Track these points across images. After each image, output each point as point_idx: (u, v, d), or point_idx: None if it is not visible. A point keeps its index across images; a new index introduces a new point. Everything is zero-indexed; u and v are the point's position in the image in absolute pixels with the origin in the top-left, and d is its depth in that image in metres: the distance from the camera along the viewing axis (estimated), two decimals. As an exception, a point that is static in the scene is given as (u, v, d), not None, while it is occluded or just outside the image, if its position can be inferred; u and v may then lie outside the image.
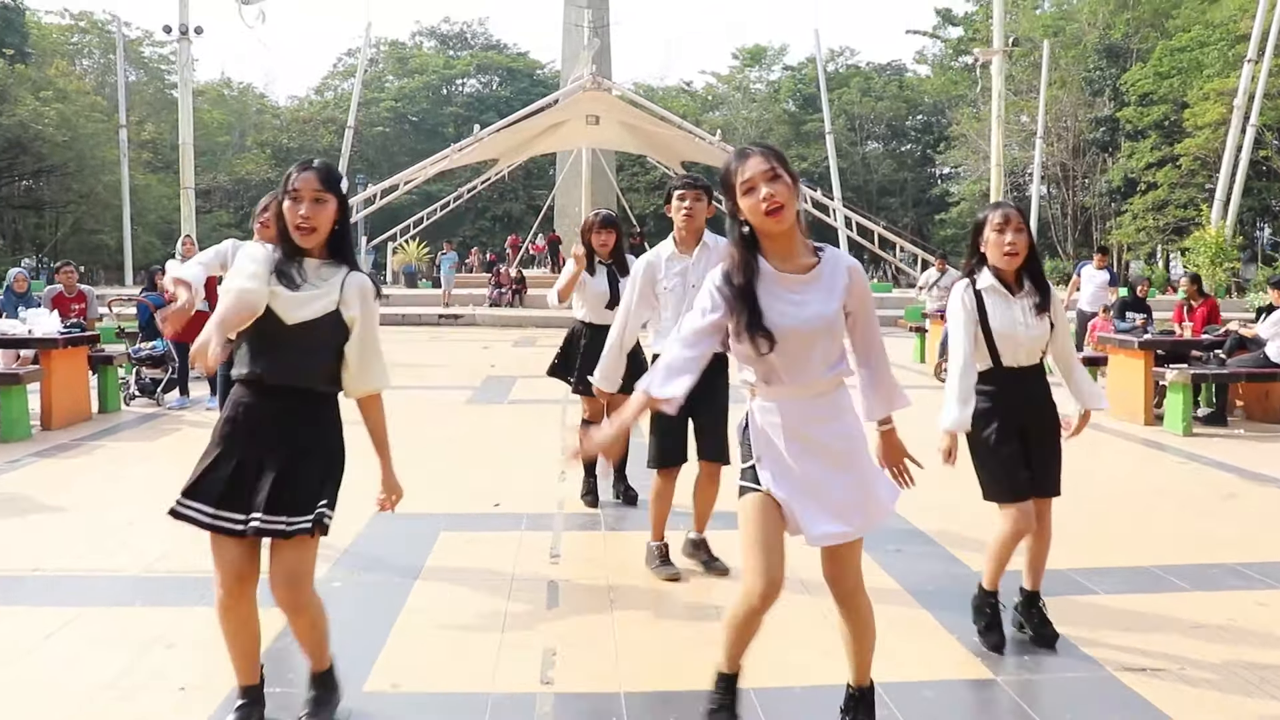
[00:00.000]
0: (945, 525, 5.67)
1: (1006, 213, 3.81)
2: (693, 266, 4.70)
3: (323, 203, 2.99)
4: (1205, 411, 9.70)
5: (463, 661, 3.82)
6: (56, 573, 4.83)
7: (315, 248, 3.03)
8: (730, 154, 2.87)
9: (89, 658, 3.80)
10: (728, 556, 4.84)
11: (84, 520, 5.84)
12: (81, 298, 10.54)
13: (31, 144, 42.04)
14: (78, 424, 9.21)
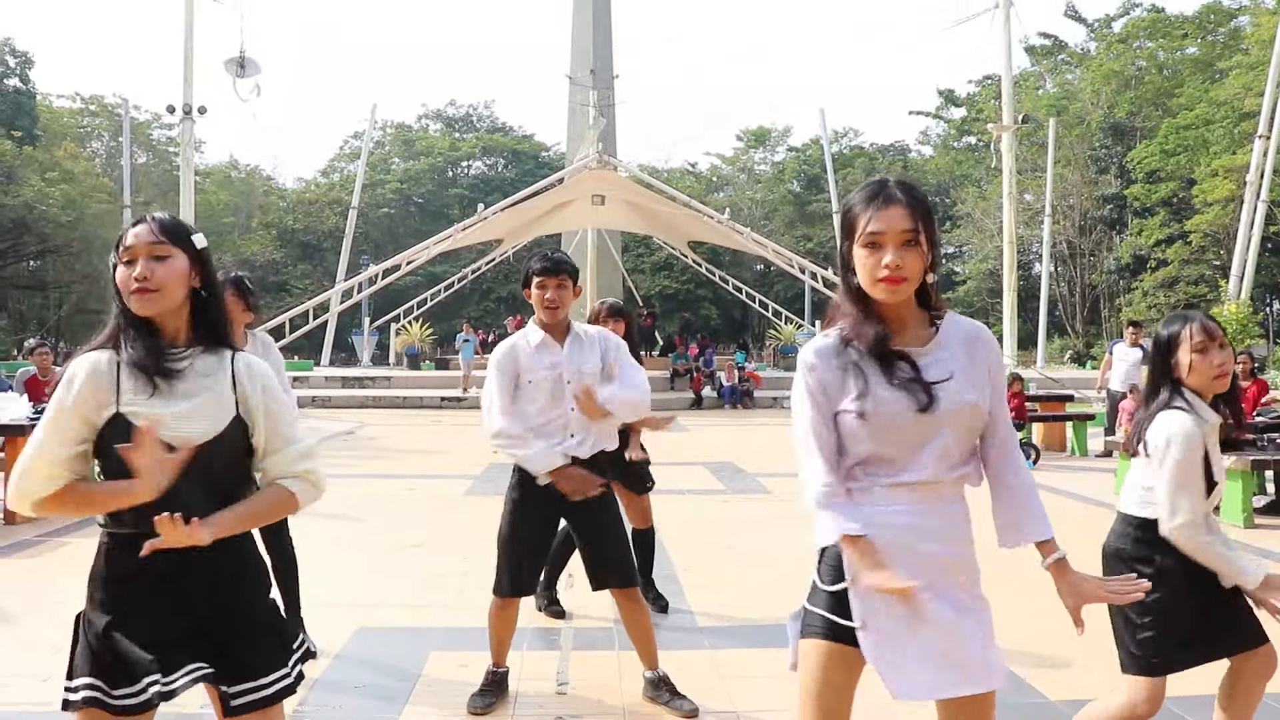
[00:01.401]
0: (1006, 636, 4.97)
1: (1208, 326, 3.06)
2: (566, 359, 4.05)
3: (165, 259, 2.26)
4: (1264, 500, 9.01)
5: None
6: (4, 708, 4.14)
7: (170, 326, 2.30)
8: (866, 186, 2.24)
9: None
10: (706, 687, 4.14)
11: (24, 640, 5.16)
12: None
13: (36, 224, 42.13)
14: (44, 519, 8.54)
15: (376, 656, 4.75)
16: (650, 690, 4.19)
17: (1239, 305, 26.94)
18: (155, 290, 2.23)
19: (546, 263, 4.04)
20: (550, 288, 4.03)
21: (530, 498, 4.04)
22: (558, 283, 4.03)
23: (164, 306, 2.26)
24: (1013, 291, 27.41)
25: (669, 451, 14.72)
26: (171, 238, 2.28)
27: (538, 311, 4.09)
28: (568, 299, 4.06)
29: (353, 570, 6.75)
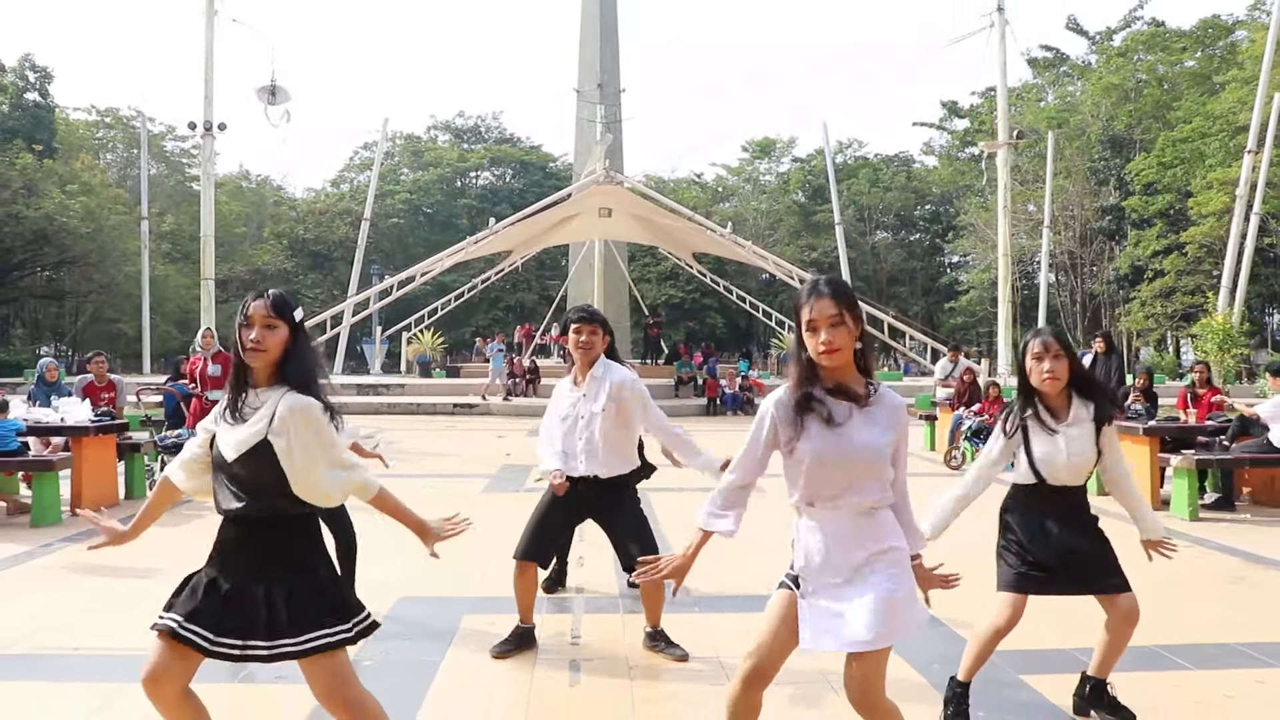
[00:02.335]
0: (960, 614, 5.82)
1: (1045, 340, 4.00)
2: (583, 400, 4.98)
3: (273, 328, 3.12)
4: (1213, 497, 9.83)
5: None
6: (96, 652, 5.01)
7: (263, 371, 3.15)
8: (805, 284, 3.08)
9: (132, 732, 3.98)
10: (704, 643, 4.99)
11: (118, 601, 6.03)
12: (112, 387, 10.86)
13: (56, 235, 42.99)
14: (106, 509, 9.38)
15: (417, 618, 5.63)
16: (649, 641, 5.08)
17: (1225, 317, 27.75)
18: (263, 350, 3.12)
19: (583, 312, 5.04)
20: (585, 332, 4.95)
21: (565, 496, 4.98)
22: (591, 329, 4.96)
23: (267, 361, 3.14)
24: (1009, 303, 28.23)
25: (671, 454, 15.47)
26: (279, 313, 3.15)
27: (573, 353, 5.01)
28: (598, 344, 4.97)
29: (387, 554, 7.62)
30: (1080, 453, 3.99)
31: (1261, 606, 6.11)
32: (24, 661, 4.87)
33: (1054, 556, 4.00)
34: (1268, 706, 4.29)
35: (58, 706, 4.25)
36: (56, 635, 5.29)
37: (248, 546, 3.11)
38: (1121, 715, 4.12)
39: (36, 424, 9.32)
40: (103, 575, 6.79)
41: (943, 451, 13.86)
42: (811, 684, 4.52)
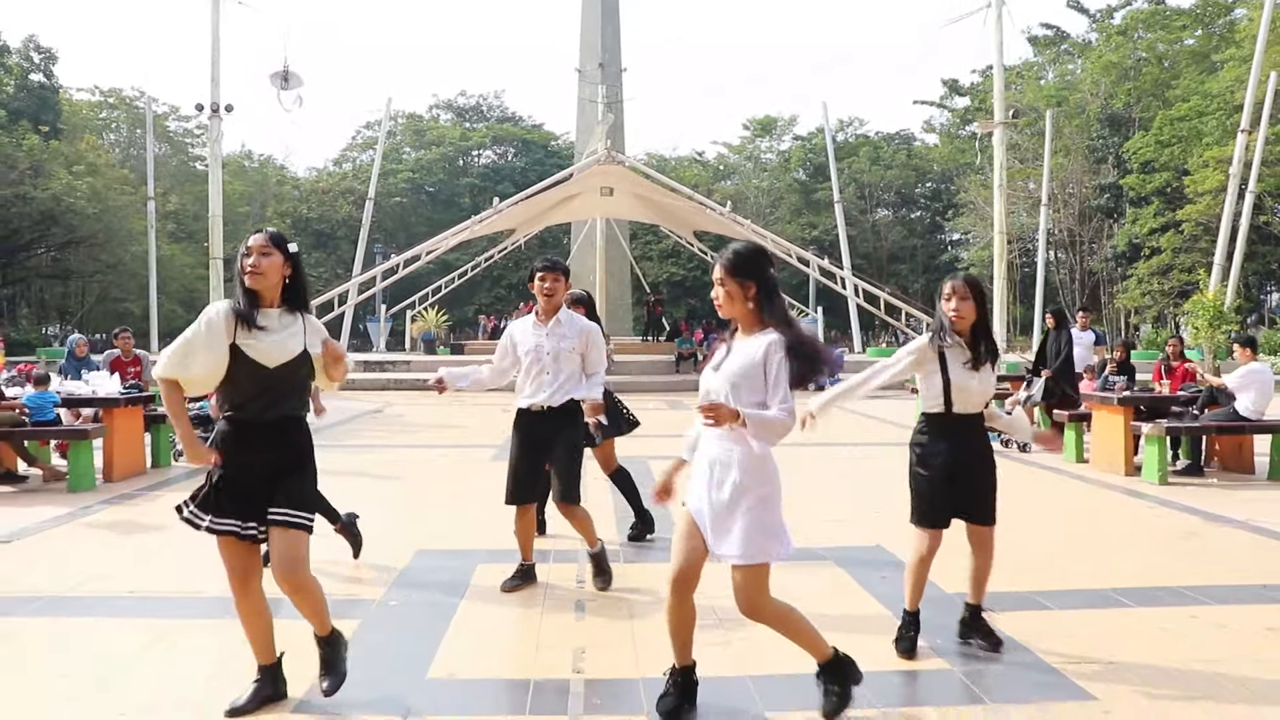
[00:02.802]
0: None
1: (954, 284, 4.61)
2: (547, 337, 5.54)
3: (268, 255, 3.82)
4: (1184, 463, 10.36)
5: (507, 657, 4.54)
6: (148, 595, 5.56)
7: (268, 296, 3.84)
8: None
9: (185, 660, 4.52)
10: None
11: (160, 554, 6.57)
12: (137, 361, 11.39)
13: (63, 216, 43.35)
14: (135, 477, 9.97)
15: (436, 567, 6.17)
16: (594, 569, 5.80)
17: (1215, 294, 28.19)
18: (260, 274, 3.80)
19: (547, 262, 5.64)
20: (549, 279, 5.55)
21: (521, 433, 5.60)
22: (554, 276, 5.57)
23: (264, 285, 3.81)
24: (1003, 279, 28.63)
25: (669, 424, 16.18)
26: (275, 244, 3.87)
27: (538, 298, 5.60)
28: (560, 289, 5.60)
29: (404, 514, 8.21)
30: (986, 386, 4.60)
31: (1204, 556, 6.65)
32: (82, 603, 5.41)
33: (950, 469, 4.57)
34: (1196, 637, 4.82)
35: (116, 640, 4.78)
36: (109, 582, 5.83)
37: (267, 442, 3.81)
38: (991, 641, 4.62)
39: (70, 396, 9.86)
40: (143, 532, 7.34)
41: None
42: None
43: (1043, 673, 4.30)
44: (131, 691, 4.13)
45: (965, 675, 4.31)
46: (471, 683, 4.23)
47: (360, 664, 4.31)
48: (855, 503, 8.78)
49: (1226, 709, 3.91)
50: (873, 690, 4.08)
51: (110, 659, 4.50)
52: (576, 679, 4.22)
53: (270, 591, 3.96)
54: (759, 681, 4.21)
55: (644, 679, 4.22)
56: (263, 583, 3.96)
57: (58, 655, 4.57)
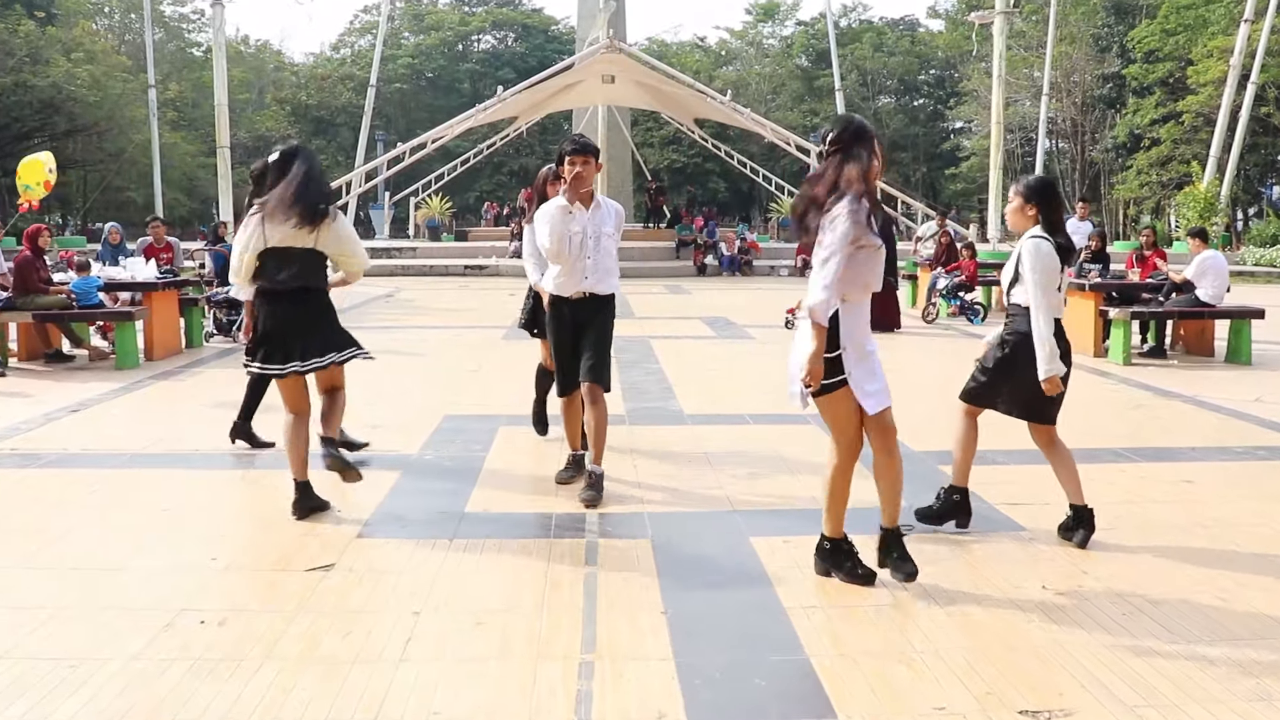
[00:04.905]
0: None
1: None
2: (590, 222, 5.35)
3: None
4: (1149, 346, 11.12)
5: (532, 498, 5.35)
6: (211, 452, 6.36)
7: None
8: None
9: (226, 498, 5.34)
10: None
11: (216, 418, 7.36)
12: (169, 248, 12.07)
13: (64, 104, 43.19)
14: (173, 356, 10.73)
15: (463, 428, 6.98)
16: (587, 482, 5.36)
17: (1207, 187, 28.62)
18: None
19: (576, 143, 5.35)
20: (578, 162, 5.26)
21: (559, 321, 5.46)
22: (584, 159, 5.28)
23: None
24: (998, 169, 29.01)
25: (669, 308, 16.90)
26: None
27: (570, 182, 5.31)
28: (591, 172, 5.31)
29: (430, 385, 9.02)
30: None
31: (1144, 423, 7.48)
32: (160, 459, 6.22)
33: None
34: (1121, 485, 5.63)
35: (196, 486, 5.59)
36: (176, 443, 6.63)
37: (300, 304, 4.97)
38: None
39: (112, 280, 10.56)
40: (191, 402, 8.13)
41: (921, 308, 15.09)
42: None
43: (986, 511, 5.10)
44: (220, 520, 4.95)
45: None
46: (503, 515, 5.05)
47: (407, 502, 5.14)
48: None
49: (1131, 537, 4.72)
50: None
51: (195, 499, 5.32)
52: (591, 514, 5.03)
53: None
54: (745, 515, 5.02)
55: (647, 513, 5.03)
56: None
57: (154, 494, 5.39)
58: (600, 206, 5.45)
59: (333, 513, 5.00)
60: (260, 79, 66.65)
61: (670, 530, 4.80)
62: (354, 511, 5.01)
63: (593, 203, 5.42)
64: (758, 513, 5.08)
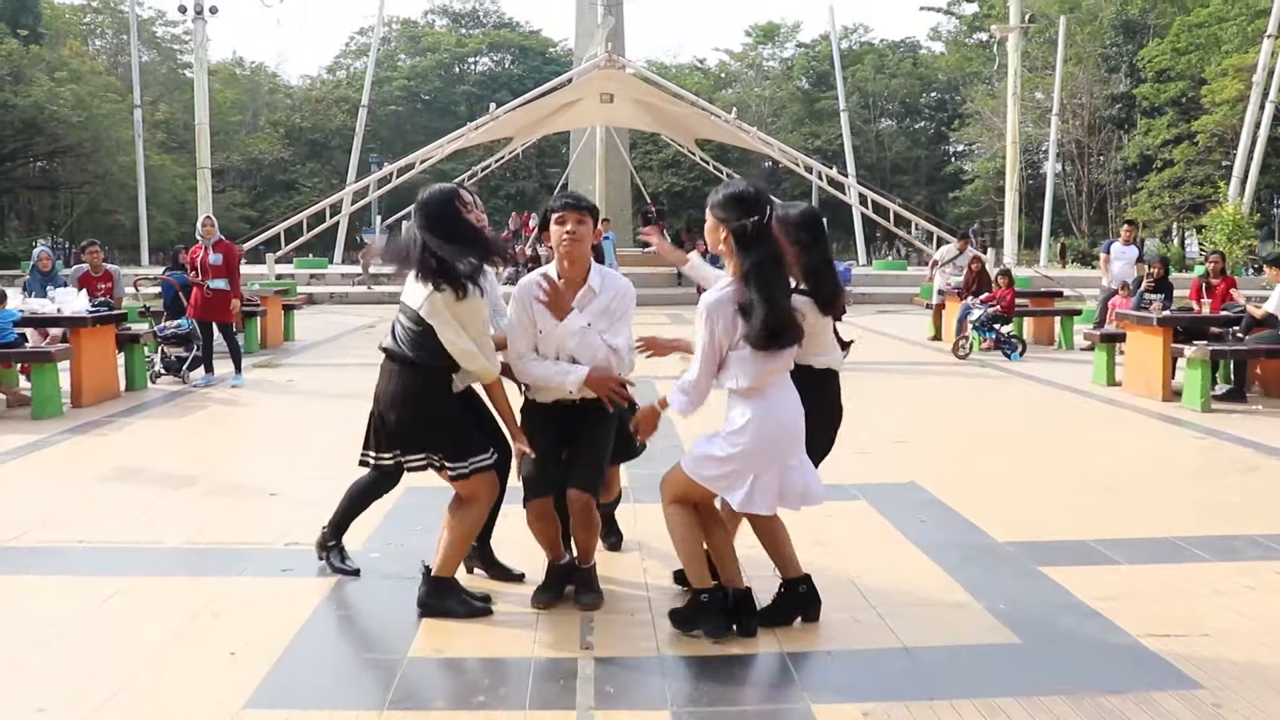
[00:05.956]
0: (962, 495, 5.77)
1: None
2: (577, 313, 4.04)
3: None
4: (1224, 388, 9.73)
5: (506, 630, 3.92)
6: (102, 544, 4.95)
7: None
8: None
9: (140, 625, 3.91)
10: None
11: (122, 495, 5.96)
12: (108, 277, 10.68)
13: (46, 125, 42.19)
14: (107, 401, 9.33)
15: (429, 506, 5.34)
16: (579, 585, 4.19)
17: (1235, 207, 27.33)
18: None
19: (567, 198, 4.06)
20: (570, 220, 3.98)
21: (539, 418, 4.14)
22: (578, 217, 3.99)
23: None
24: (1015, 191, 27.78)
25: (670, 332, 15.35)
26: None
27: (556, 250, 4.03)
28: (587, 235, 3.99)
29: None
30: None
31: (1272, 496, 6.05)
32: (31, 555, 4.79)
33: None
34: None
35: (65, 600, 4.18)
36: (61, 529, 5.22)
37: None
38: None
39: (33, 315, 9.18)
40: (105, 469, 6.72)
41: (950, 341, 13.73)
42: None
43: (1129, 650, 3.69)
44: (77, 660, 3.53)
45: (1039, 651, 3.71)
46: (458, 662, 3.63)
47: (326, 643, 3.75)
48: (877, 430, 8.15)
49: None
50: (928, 669, 3.51)
51: (47, 626, 3.90)
52: (585, 659, 3.63)
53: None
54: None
55: (668, 658, 3.63)
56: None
57: (-15, 622, 3.97)
58: (594, 291, 4.08)
59: (227, 658, 3.59)
60: (254, 101, 65.66)
61: (698, 684, 3.42)
62: (249, 659, 3.59)
63: (584, 287, 4.07)
64: (814, 660, 3.67)
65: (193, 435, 8.21)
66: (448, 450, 3.89)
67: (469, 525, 4.00)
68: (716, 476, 3.66)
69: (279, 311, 14.96)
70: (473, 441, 3.94)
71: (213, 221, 10.66)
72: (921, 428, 8.34)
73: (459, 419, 3.97)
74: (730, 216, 3.61)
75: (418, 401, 3.89)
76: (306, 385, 10.73)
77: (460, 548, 4.04)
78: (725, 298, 3.58)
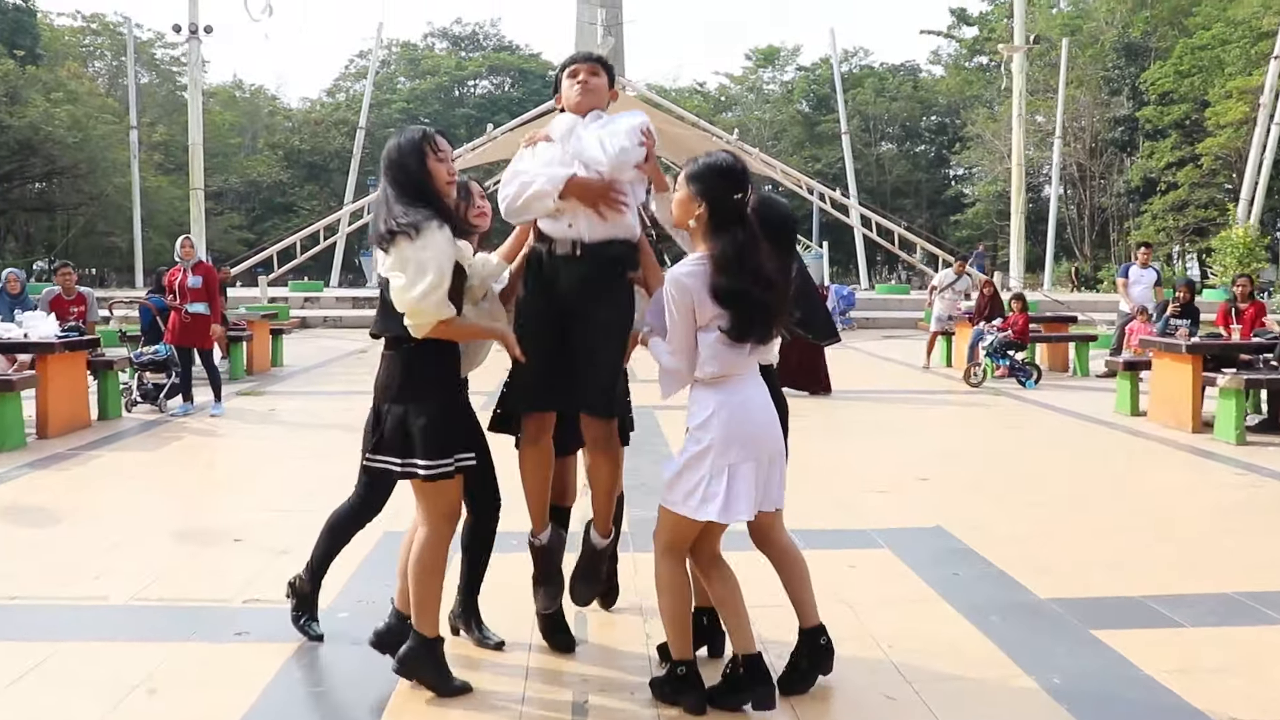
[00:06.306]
0: (995, 543, 5.25)
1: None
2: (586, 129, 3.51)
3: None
4: (1256, 419, 9.23)
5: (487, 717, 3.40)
6: (36, 601, 4.41)
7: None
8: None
9: (58, 707, 3.37)
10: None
11: (73, 540, 5.43)
12: (81, 300, 10.17)
13: (42, 146, 41.82)
14: (76, 432, 8.81)
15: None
16: (586, 563, 3.73)
17: (1246, 229, 26.87)
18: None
19: (578, 54, 3.68)
20: (583, 73, 3.55)
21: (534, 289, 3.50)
22: (589, 69, 3.56)
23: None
24: (1021, 214, 27.33)
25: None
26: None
27: (571, 100, 3.55)
28: (601, 87, 3.56)
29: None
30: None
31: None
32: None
33: None
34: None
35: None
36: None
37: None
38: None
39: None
40: (60, 508, 6.20)
41: (962, 368, 13.23)
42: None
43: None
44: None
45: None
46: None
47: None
48: (894, 465, 7.63)
49: None
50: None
51: (-43, 704, 3.38)
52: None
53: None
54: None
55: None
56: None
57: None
58: (601, 118, 3.55)
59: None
60: (254, 124, 65.43)
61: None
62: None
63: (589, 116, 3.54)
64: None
65: (162, 470, 7.67)
66: (426, 442, 3.23)
67: (429, 558, 3.34)
68: (689, 493, 3.16)
69: (266, 336, 14.46)
70: (455, 438, 3.32)
71: (192, 243, 10.16)
72: (942, 463, 7.83)
73: (449, 407, 3.34)
74: (711, 189, 3.17)
75: (403, 381, 3.28)
76: (290, 415, 10.21)
77: (429, 590, 3.35)
78: (698, 273, 3.13)
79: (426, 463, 3.24)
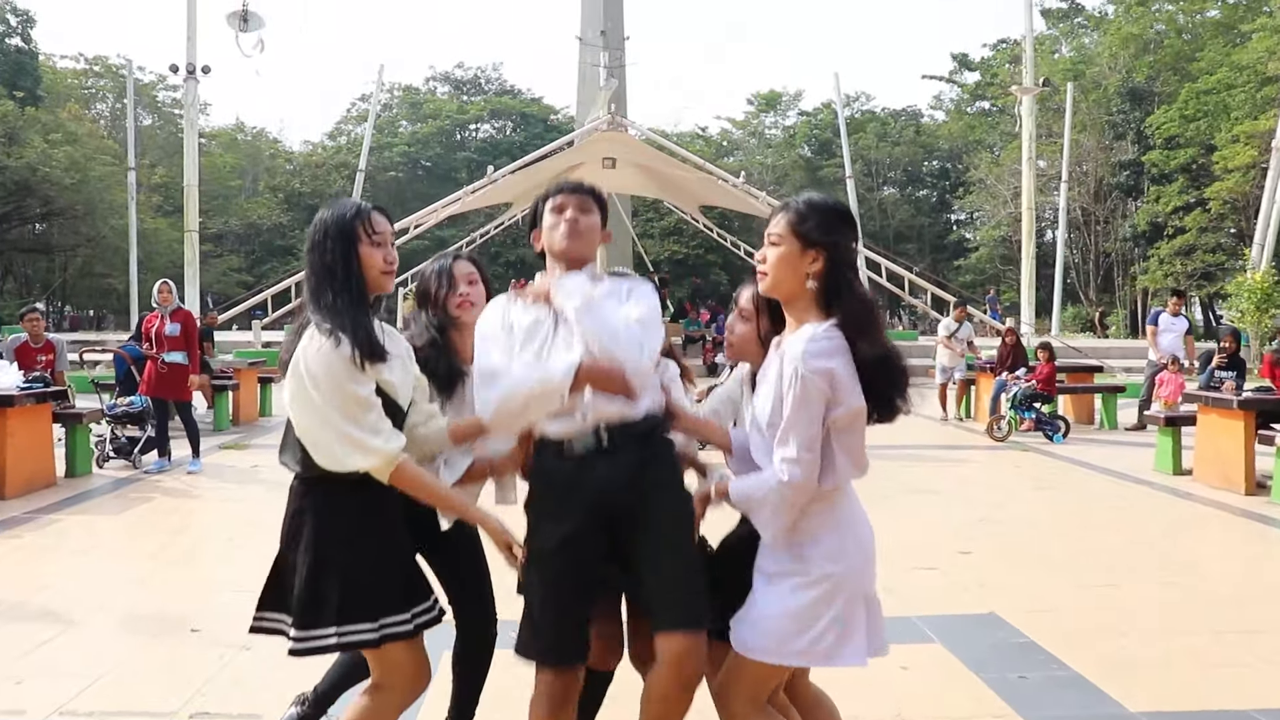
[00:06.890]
0: (1060, 636, 4.57)
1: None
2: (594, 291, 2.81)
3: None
4: None
5: None
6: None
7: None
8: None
9: None
10: None
11: (3, 629, 4.76)
12: (50, 348, 9.51)
13: (39, 186, 41.56)
14: (39, 491, 8.16)
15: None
16: None
17: (1264, 275, 26.31)
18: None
19: (565, 182, 2.93)
20: (571, 208, 2.81)
21: (548, 508, 2.72)
22: (579, 203, 2.82)
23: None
24: (1030, 259, 26.83)
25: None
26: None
27: (556, 245, 2.82)
28: (596, 226, 2.87)
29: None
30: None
31: None
32: None
33: None
34: None
35: None
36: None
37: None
38: None
39: (-46, 392, 8.04)
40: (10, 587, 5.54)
41: (983, 420, 12.58)
42: None
43: None
44: None
45: None
46: None
47: None
48: (931, 535, 6.96)
49: None
50: None
51: None
52: None
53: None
54: None
55: None
56: None
57: None
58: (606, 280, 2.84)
59: None
60: (255, 166, 65.31)
61: None
62: None
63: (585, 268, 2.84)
64: None
65: (123, 539, 6.99)
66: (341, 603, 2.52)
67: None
68: (815, 639, 2.44)
69: (254, 384, 13.83)
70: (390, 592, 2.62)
71: (170, 288, 9.55)
72: (982, 531, 7.15)
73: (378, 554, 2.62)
74: (829, 235, 2.47)
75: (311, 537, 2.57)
76: (273, 472, 9.52)
77: None
78: (836, 349, 2.40)
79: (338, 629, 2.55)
